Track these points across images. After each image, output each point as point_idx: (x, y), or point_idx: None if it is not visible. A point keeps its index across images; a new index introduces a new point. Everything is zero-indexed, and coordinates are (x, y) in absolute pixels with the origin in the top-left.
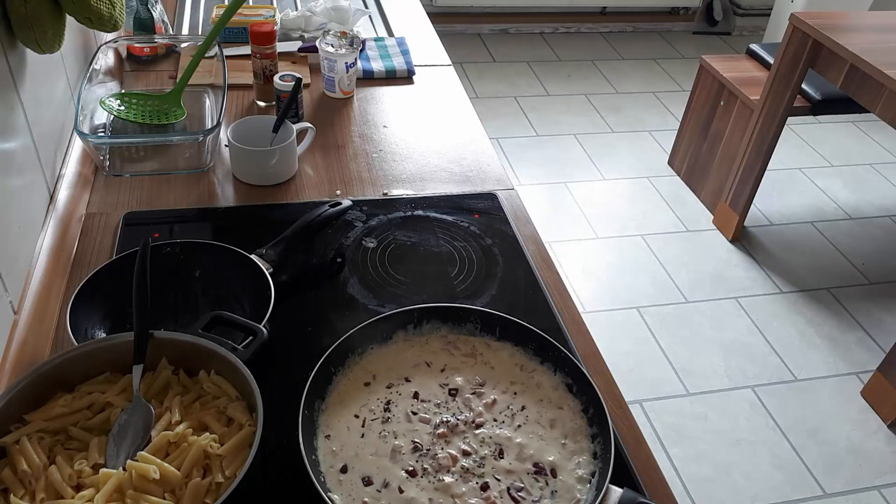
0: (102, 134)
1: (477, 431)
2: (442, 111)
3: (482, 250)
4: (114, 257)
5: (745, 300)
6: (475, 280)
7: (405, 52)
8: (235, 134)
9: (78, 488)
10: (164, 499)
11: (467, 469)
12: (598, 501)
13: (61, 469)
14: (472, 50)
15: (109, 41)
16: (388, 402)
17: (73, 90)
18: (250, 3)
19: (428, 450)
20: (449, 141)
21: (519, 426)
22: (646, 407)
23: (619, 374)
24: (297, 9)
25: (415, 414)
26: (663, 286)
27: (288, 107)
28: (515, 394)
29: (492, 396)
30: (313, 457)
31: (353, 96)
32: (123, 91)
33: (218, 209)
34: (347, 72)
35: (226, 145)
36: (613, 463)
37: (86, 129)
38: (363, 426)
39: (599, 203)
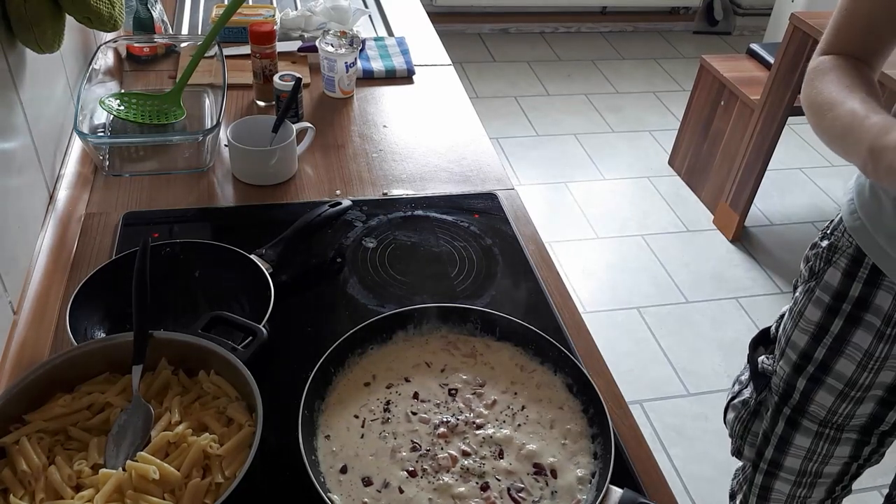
0: (102, 134)
1: (477, 432)
2: (442, 111)
3: (482, 250)
4: (113, 257)
5: (745, 300)
6: (475, 280)
7: (405, 52)
8: (235, 134)
9: (77, 489)
10: (164, 499)
11: (467, 469)
12: (598, 502)
13: (61, 469)
14: (472, 50)
15: (109, 41)
16: (387, 403)
17: (72, 90)
18: (250, 3)
19: (428, 450)
20: (449, 141)
21: (519, 426)
22: (646, 407)
23: (619, 374)
24: (296, 8)
25: (414, 414)
26: (663, 286)
27: (288, 106)
28: (515, 394)
29: (492, 397)
30: (313, 457)
31: (352, 96)
32: (123, 91)
33: (218, 209)
34: (347, 71)
35: (225, 145)
36: (614, 463)
37: (85, 129)
38: (363, 426)
39: (599, 203)
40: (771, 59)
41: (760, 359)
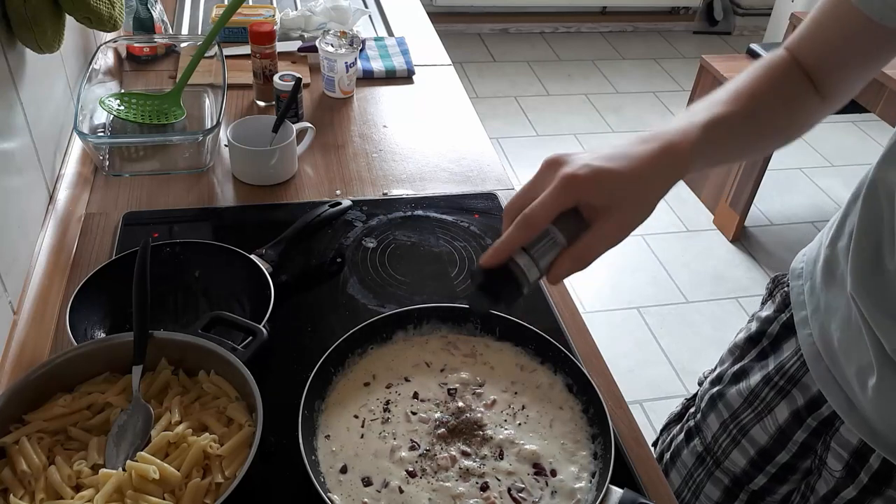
0: (102, 134)
1: (477, 432)
2: (442, 111)
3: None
4: (113, 257)
5: (745, 300)
6: None
7: (405, 52)
8: (235, 134)
9: (77, 489)
10: (164, 499)
11: (467, 469)
12: (598, 502)
13: (61, 469)
14: (472, 50)
15: (109, 41)
16: (387, 403)
17: (72, 90)
18: (250, 3)
19: (427, 450)
20: (449, 141)
21: (519, 426)
22: (646, 407)
23: (619, 374)
24: (296, 8)
25: (414, 414)
26: (663, 286)
27: (288, 107)
28: (515, 394)
29: (492, 396)
30: (313, 457)
31: (352, 96)
32: (123, 91)
33: (218, 209)
34: (347, 71)
35: (225, 145)
36: (613, 463)
37: (85, 129)
38: (363, 426)
39: None
40: None
41: None
